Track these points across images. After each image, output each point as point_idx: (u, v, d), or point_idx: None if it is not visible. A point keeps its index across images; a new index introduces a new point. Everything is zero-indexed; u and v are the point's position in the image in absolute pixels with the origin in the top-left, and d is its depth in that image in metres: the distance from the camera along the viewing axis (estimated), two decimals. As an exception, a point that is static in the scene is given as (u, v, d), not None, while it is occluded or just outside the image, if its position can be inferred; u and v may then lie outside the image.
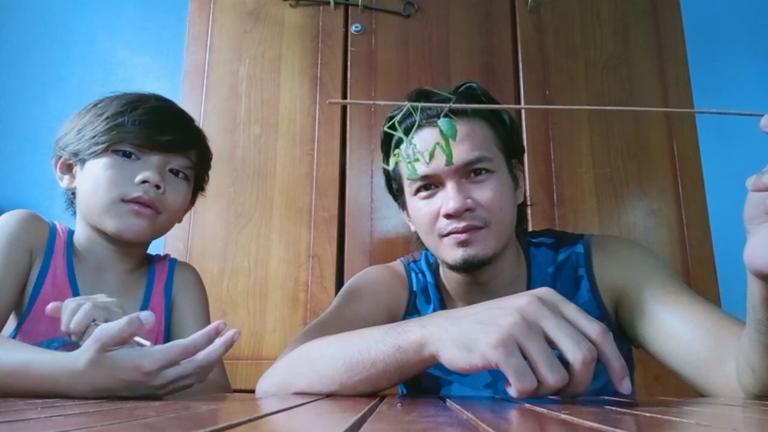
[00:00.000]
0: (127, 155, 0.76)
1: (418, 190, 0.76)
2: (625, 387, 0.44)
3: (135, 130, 0.75)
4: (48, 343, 0.72)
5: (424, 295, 0.84)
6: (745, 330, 0.51)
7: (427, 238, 0.77)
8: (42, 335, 0.73)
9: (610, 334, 0.45)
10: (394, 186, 0.84)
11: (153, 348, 0.54)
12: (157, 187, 0.76)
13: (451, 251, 0.73)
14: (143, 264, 0.86)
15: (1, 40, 1.78)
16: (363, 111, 1.44)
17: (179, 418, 0.34)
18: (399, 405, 0.45)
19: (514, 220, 0.77)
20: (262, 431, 0.28)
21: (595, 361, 0.43)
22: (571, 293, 0.77)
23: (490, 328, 0.44)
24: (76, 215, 0.82)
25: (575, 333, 0.44)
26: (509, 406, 0.45)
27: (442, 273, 0.85)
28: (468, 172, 0.73)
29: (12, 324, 0.74)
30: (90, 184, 0.76)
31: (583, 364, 0.42)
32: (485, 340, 0.44)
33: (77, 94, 1.72)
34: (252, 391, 0.70)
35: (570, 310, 0.46)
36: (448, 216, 0.72)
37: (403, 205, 0.84)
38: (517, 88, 1.46)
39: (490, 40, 1.48)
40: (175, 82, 1.54)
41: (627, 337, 0.75)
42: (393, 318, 0.80)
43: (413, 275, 0.85)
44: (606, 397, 0.57)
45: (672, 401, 0.50)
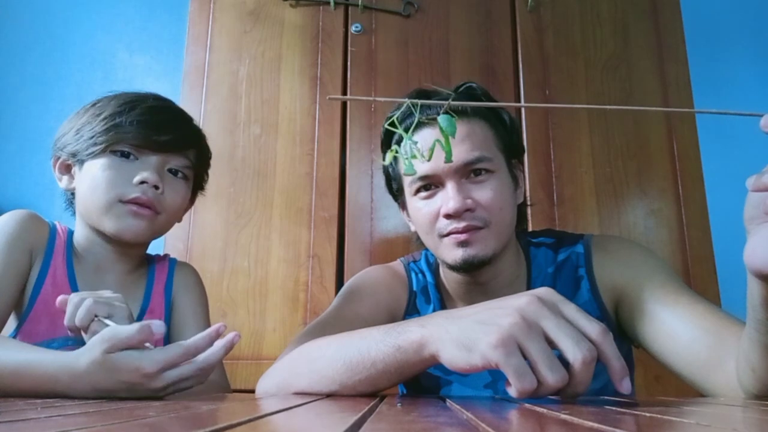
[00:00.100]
0: (125, 155, 0.76)
1: (418, 190, 0.76)
2: (625, 387, 0.44)
3: (133, 130, 0.75)
4: (48, 344, 0.72)
5: (424, 295, 0.84)
6: (745, 330, 0.51)
7: (427, 238, 0.77)
8: (42, 335, 0.73)
9: (610, 334, 0.45)
10: (394, 186, 0.84)
11: (153, 349, 0.54)
12: (156, 187, 0.76)
13: (451, 251, 0.73)
14: (143, 264, 0.86)
15: (1, 40, 1.78)
16: (363, 111, 1.44)
17: (179, 418, 0.34)
18: (399, 405, 0.45)
19: (514, 220, 0.77)
20: (262, 431, 0.28)
21: (595, 361, 0.43)
22: (571, 293, 0.77)
23: (490, 328, 0.44)
24: (75, 215, 0.82)
25: (575, 333, 0.44)
26: (509, 406, 0.45)
27: (442, 273, 0.85)
28: (468, 172, 0.73)
29: (12, 324, 0.74)
30: (88, 185, 0.76)
31: (583, 364, 0.42)
32: (485, 340, 0.44)
33: (77, 94, 1.72)
34: (252, 391, 0.70)
35: (570, 310, 0.46)
36: (448, 216, 0.72)
37: (403, 205, 0.84)
38: (517, 88, 1.46)
39: (490, 40, 1.48)
40: (175, 82, 1.54)
41: (627, 337, 0.75)
42: (393, 318, 0.80)
43: (413, 275, 0.85)
44: (606, 397, 0.57)
45: (672, 401, 0.50)
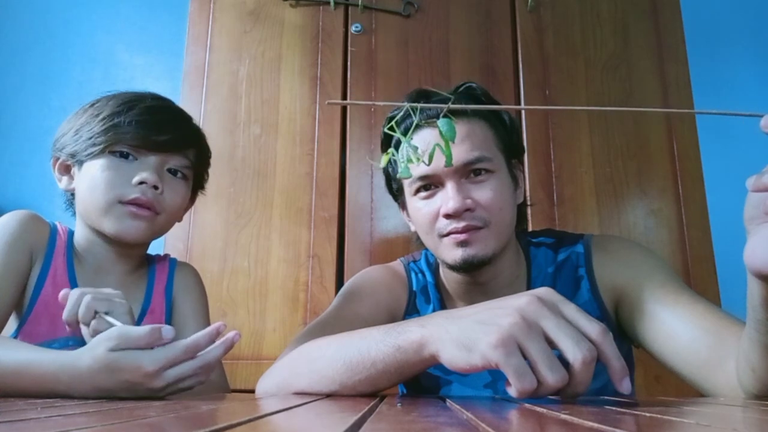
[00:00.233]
0: (124, 156, 0.76)
1: (417, 191, 0.76)
2: (625, 387, 0.44)
3: (131, 130, 0.75)
4: (49, 344, 0.72)
5: (424, 294, 0.84)
6: (745, 330, 0.51)
7: (426, 238, 0.77)
8: (43, 336, 0.73)
9: (610, 334, 0.45)
10: (394, 186, 0.84)
11: (154, 349, 0.54)
12: (155, 187, 0.75)
13: (450, 251, 0.73)
14: (143, 264, 0.86)
15: (1, 40, 1.78)
16: (363, 111, 1.44)
17: (179, 418, 0.34)
18: (399, 405, 0.45)
19: (514, 220, 0.77)
20: (262, 431, 0.28)
21: (595, 361, 0.43)
22: (571, 293, 0.77)
23: (490, 328, 0.44)
24: (75, 216, 0.81)
25: (575, 333, 0.44)
26: (509, 406, 0.45)
27: (442, 273, 0.85)
28: (468, 172, 0.73)
29: (13, 325, 0.74)
30: (87, 186, 0.75)
31: (583, 364, 0.42)
32: (485, 340, 0.44)
33: (77, 94, 1.72)
34: (252, 391, 0.70)
35: (570, 310, 0.46)
36: (447, 216, 0.72)
37: (403, 205, 0.84)
38: (517, 88, 1.46)
39: (490, 40, 1.48)
40: (175, 82, 1.54)
41: (627, 337, 0.75)
42: (393, 318, 0.80)
43: (413, 275, 0.85)
44: (606, 397, 0.57)
45: (672, 401, 0.50)
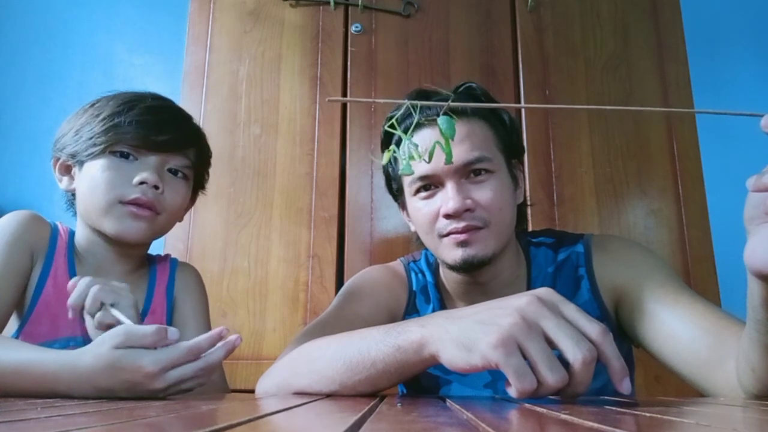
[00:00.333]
0: (124, 156, 0.76)
1: (417, 191, 0.76)
2: (625, 387, 0.44)
3: (132, 130, 0.75)
4: (50, 344, 0.72)
5: (424, 294, 0.84)
6: (745, 330, 0.51)
7: (426, 238, 0.77)
8: (44, 336, 0.73)
9: (610, 334, 0.45)
10: (394, 186, 0.84)
11: (156, 350, 0.54)
12: (156, 187, 0.75)
13: (450, 251, 0.73)
14: (144, 265, 0.86)
15: (1, 40, 1.78)
16: (363, 111, 1.44)
17: (179, 417, 0.34)
18: (399, 405, 0.45)
19: (513, 220, 0.77)
20: (262, 431, 0.28)
21: (595, 361, 0.43)
22: (571, 293, 0.77)
23: (490, 328, 0.44)
24: (76, 216, 0.81)
25: (575, 333, 0.44)
26: (509, 406, 0.45)
27: (442, 273, 0.85)
28: (468, 173, 0.73)
29: (14, 325, 0.74)
30: (88, 186, 0.75)
31: (583, 365, 0.42)
32: (485, 340, 0.44)
33: (77, 94, 1.72)
34: (252, 391, 0.70)
35: (570, 310, 0.46)
36: (447, 216, 0.72)
37: (403, 205, 0.84)
38: (517, 88, 1.46)
39: (490, 40, 1.48)
40: (175, 82, 1.54)
41: (627, 337, 0.75)
42: (393, 318, 0.80)
43: (413, 275, 0.85)
44: (606, 397, 0.57)
45: (672, 401, 0.50)
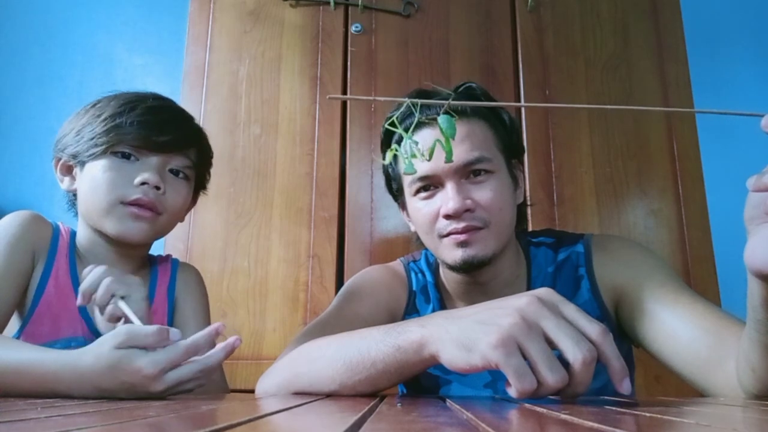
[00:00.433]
0: (126, 156, 0.76)
1: (417, 191, 0.76)
2: (625, 387, 0.44)
3: (133, 131, 0.75)
4: (51, 345, 0.71)
5: (424, 294, 0.84)
6: (745, 330, 0.51)
7: (426, 239, 0.77)
8: (45, 337, 0.73)
9: (610, 335, 0.45)
10: (394, 186, 0.84)
11: (155, 351, 0.54)
12: (157, 188, 0.75)
13: (450, 252, 0.73)
14: (145, 265, 0.86)
15: (1, 40, 1.78)
16: (363, 111, 1.44)
17: (179, 417, 0.34)
18: (399, 405, 0.45)
19: (513, 221, 0.77)
20: (262, 431, 0.28)
21: (595, 361, 0.43)
22: (571, 293, 0.77)
23: (490, 328, 0.44)
24: (77, 216, 0.81)
25: (575, 333, 0.44)
26: (509, 406, 0.45)
27: (442, 273, 0.85)
28: (468, 173, 0.73)
29: (15, 326, 0.74)
30: (89, 186, 0.75)
31: (583, 365, 0.42)
32: (485, 340, 0.44)
33: (78, 94, 1.72)
34: (252, 391, 0.70)
35: (570, 310, 0.46)
36: (447, 216, 0.72)
37: (403, 205, 0.84)
38: (517, 88, 1.46)
39: (490, 40, 1.48)
40: (175, 82, 1.54)
41: (627, 337, 0.75)
42: (393, 318, 0.80)
43: (413, 275, 0.85)
44: (606, 397, 0.57)
45: (672, 401, 0.50)
